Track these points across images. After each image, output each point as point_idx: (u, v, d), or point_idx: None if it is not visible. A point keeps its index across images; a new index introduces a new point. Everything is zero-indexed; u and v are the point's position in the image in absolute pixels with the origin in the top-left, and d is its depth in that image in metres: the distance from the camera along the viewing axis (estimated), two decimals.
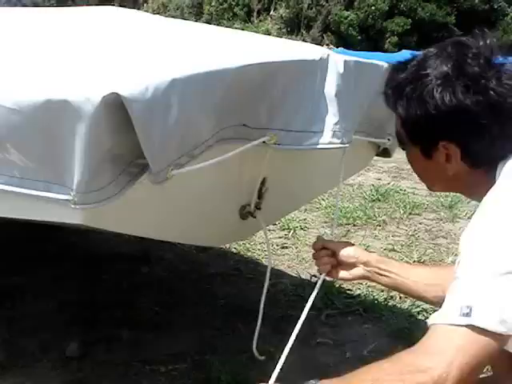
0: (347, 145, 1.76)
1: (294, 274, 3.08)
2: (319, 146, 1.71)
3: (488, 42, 1.30)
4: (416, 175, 1.50)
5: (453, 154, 1.30)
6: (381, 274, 1.64)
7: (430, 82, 1.28)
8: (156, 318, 2.55)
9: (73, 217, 1.40)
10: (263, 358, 2.00)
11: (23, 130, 1.38)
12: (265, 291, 2.02)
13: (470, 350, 1.08)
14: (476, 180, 1.32)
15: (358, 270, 1.67)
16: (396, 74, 1.37)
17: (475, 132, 1.27)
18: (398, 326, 2.53)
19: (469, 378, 1.09)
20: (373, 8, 14.80)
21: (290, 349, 2.33)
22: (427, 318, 2.65)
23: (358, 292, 2.84)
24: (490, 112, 1.25)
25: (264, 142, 1.63)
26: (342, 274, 1.71)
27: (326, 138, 1.69)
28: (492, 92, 1.25)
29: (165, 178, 1.38)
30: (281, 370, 1.76)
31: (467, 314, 1.08)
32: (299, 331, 1.76)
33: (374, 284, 2.89)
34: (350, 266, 1.68)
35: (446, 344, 1.09)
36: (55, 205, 1.38)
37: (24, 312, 2.53)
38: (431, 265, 3.21)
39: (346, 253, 1.68)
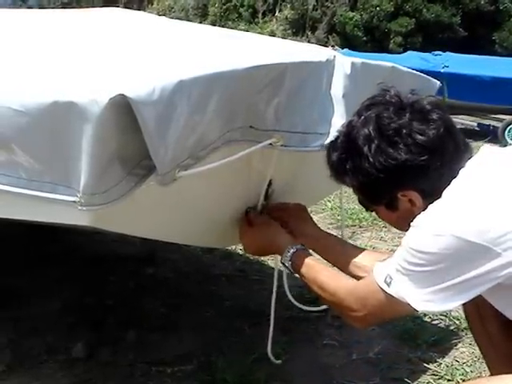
0: None
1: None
2: (324, 148, 1.70)
3: (392, 91, 1.45)
4: (392, 226, 1.65)
5: (413, 197, 1.41)
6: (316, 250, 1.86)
7: (361, 151, 1.40)
8: (162, 319, 2.55)
9: (79, 218, 1.41)
10: (279, 361, 2.02)
11: (30, 131, 1.39)
12: (274, 294, 2.01)
13: (381, 306, 1.42)
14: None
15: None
16: (331, 155, 1.50)
17: (420, 174, 1.38)
18: (403, 328, 2.52)
19: (377, 321, 1.68)
20: (378, 9, 14.77)
21: (296, 350, 2.34)
22: (433, 319, 2.67)
23: None
24: (424, 152, 1.36)
25: (270, 143, 1.63)
26: None
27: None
28: (417, 135, 1.36)
29: (171, 179, 1.38)
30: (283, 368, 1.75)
31: (388, 284, 1.37)
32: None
33: None
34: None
35: (369, 296, 1.44)
36: (62, 206, 1.38)
37: (30, 313, 2.53)
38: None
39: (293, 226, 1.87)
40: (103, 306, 2.61)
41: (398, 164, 1.37)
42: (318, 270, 1.65)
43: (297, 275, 1.72)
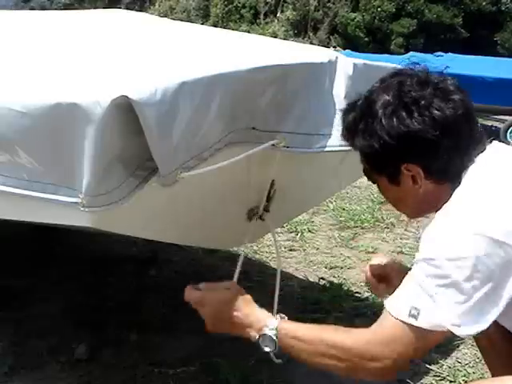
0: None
1: (301, 277, 3.07)
2: (328, 149, 1.71)
3: (421, 66, 1.43)
4: (392, 205, 1.54)
5: (416, 174, 1.37)
6: None
7: (376, 113, 1.36)
8: (164, 320, 2.55)
9: (81, 219, 1.41)
10: (280, 361, 1.99)
11: (33, 132, 1.39)
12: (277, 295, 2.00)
13: (413, 344, 1.26)
14: (442, 195, 1.35)
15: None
16: (347, 115, 1.46)
17: (429, 150, 1.34)
18: None
19: (407, 362, 1.35)
20: (379, 10, 14.79)
21: None
22: None
23: (366, 295, 2.83)
24: (437, 128, 1.32)
25: (273, 145, 1.63)
26: None
27: (335, 141, 1.69)
28: (434, 110, 1.33)
29: (174, 180, 1.38)
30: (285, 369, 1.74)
31: (414, 317, 1.24)
32: None
33: None
34: None
35: (396, 338, 1.28)
36: (64, 207, 1.39)
37: (32, 314, 2.53)
38: None
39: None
40: (105, 308, 2.61)
41: (409, 132, 1.33)
42: (319, 328, 1.44)
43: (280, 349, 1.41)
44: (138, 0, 17.40)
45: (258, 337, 1.43)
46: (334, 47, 12.01)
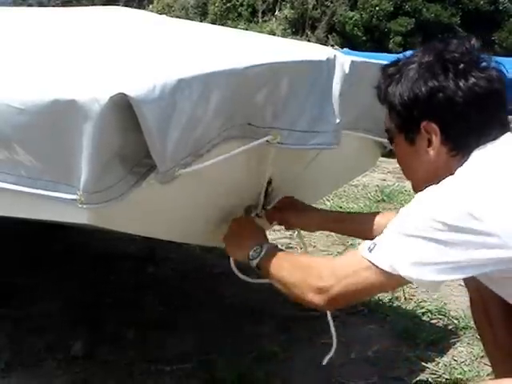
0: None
1: None
2: (322, 147, 1.71)
3: (472, 41, 1.44)
4: (404, 173, 1.59)
5: (434, 135, 1.39)
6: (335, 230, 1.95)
7: (413, 67, 1.41)
8: (161, 317, 2.55)
9: (80, 217, 1.41)
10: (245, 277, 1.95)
11: (31, 129, 1.39)
12: None
13: (358, 277, 1.33)
14: (452, 170, 1.36)
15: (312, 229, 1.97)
16: (388, 68, 1.50)
17: (454, 113, 1.36)
18: (402, 327, 2.52)
19: (343, 299, 1.41)
20: (377, 8, 14.79)
21: (295, 348, 2.35)
22: (432, 318, 2.68)
23: None
24: (468, 94, 1.35)
25: (267, 141, 1.64)
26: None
27: (330, 139, 1.69)
28: (471, 77, 1.36)
29: (172, 177, 1.39)
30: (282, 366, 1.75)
31: (370, 250, 1.31)
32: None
33: None
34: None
35: (346, 266, 1.37)
36: (62, 204, 1.39)
37: (29, 311, 2.53)
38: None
39: (298, 221, 1.94)
40: (102, 305, 2.61)
41: (440, 89, 1.36)
42: (292, 256, 1.64)
43: (260, 270, 1.64)
44: None
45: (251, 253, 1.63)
46: (332, 46, 12.01)
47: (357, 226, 1.85)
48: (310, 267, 1.45)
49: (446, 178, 1.33)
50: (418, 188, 1.52)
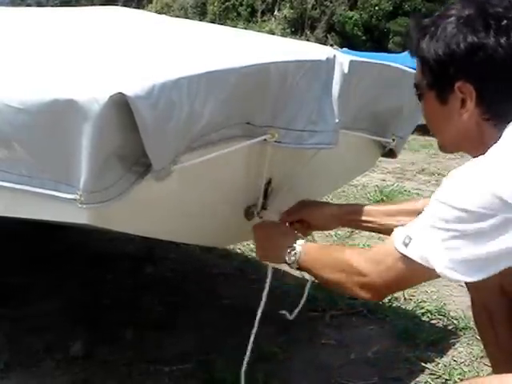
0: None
1: (297, 275, 3.07)
2: (321, 146, 1.71)
3: None
4: (431, 130, 1.48)
5: (468, 96, 1.31)
6: (352, 224, 1.85)
7: (451, 21, 1.30)
8: (160, 318, 2.55)
9: (79, 216, 1.41)
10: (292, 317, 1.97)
11: (30, 129, 1.39)
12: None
13: (397, 271, 1.31)
14: (484, 135, 1.32)
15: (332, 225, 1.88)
16: (421, 20, 1.40)
17: (492, 74, 1.28)
18: (402, 327, 2.52)
19: (390, 290, 1.46)
20: (377, 8, 14.79)
21: (294, 349, 2.34)
22: (431, 319, 2.68)
23: None
24: (510, 55, 1.26)
25: (265, 139, 1.64)
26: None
27: (329, 138, 1.69)
28: None
29: (167, 174, 1.39)
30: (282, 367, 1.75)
31: (406, 244, 1.27)
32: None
33: None
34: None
35: (384, 261, 1.33)
36: (62, 204, 1.39)
37: (28, 311, 2.53)
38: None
39: (312, 219, 1.87)
40: (101, 305, 2.61)
41: (477, 48, 1.27)
42: (327, 249, 1.60)
43: (303, 270, 1.64)
44: None
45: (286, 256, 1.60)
46: (332, 45, 12.00)
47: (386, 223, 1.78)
48: (350, 265, 1.42)
49: (475, 145, 1.29)
50: (444, 147, 1.48)
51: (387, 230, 1.71)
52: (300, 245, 1.59)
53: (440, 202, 1.23)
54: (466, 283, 1.72)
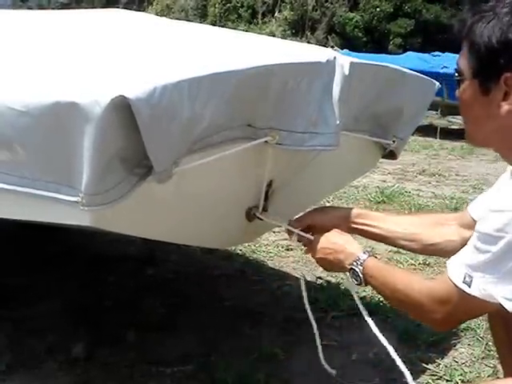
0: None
1: (299, 276, 3.07)
2: (322, 148, 1.71)
3: None
4: (463, 118, 1.44)
5: None
6: (359, 229, 1.79)
7: (509, 9, 1.26)
8: (161, 319, 2.55)
9: (81, 219, 1.41)
10: (334, 371, 1.96)
11: (32, 131, 1.39)
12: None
13: (463, 308, 1.33)
14: None
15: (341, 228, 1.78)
16: (480, 4, 1.34)
17: None
18: (403, 328, 2.52)
19: (459, 323, 1.66)
20: (377, 10, 14.79)
21: (295, 349, 2.34)
22: None
23: (364, 294, 2.84)
24: None
25: (266, 141, 1.64)
26: None
27: (329, 140, 1.70)
28: None
29: (168, 176, 1.40)
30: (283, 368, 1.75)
31: (468, 284, 1.27)
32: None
33: None
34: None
35: (449, 299, 1.34)
36: (64, 206, 1.39)
37: (30, 313, 2.53)
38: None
39: (321, 222, 1.81)
40: (103, 307, 2.61)
41: None
42: (389, 270, 1.57)
43: (365, 284, 1.60)
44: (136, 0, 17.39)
45: (349, 270, 1.60)
46: (332, 47, 12.01)
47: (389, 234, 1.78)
48: (417, 301, 1.42)
49: (509, 145, 1.29)
50: (472, 139, 1.45)
51: (393, 239, 1.76)
52: (362, 262, 1.57)
53: (491, 233, 1.23)
54: None
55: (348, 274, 1.61)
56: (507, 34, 1.24)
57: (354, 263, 1.58)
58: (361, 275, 1.56)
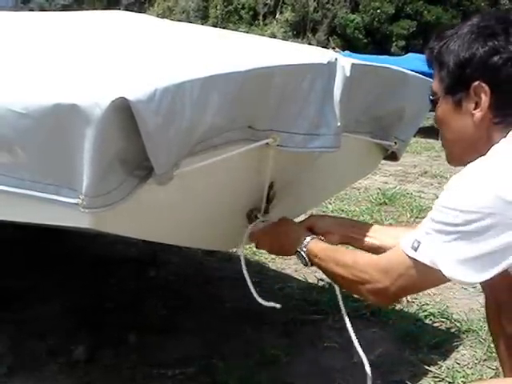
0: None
1: (300, 278, 3.07)
2: (323, 150, 1.71)
3: None
4: (442, 140, 1.52)
5: (483, 96, 1.35)
6: (354, 238, 1.82)
7: (472, 29, 1.38)
8: (163, 321, 2.55)
9: (81, 221, 1.41)
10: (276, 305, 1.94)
11: (32, 133, 1.39)
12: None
13: (407, 276, 1.35)
14: (492, 140, 1.35)
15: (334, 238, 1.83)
16: (443, 31, 1.46)
17: (508, 77, 1.33)
18: (405, 330, 2.52)
19: (403, 295, 1.61)
20: (379, 11, 14.79)
21: (297, 352, 2.34)
22: (434, 322, 2.67)
23: None
24: None
25: (267, 143, 1.64)
26: None
27: (331, 142, 1.69)
28: None
29: (169, 178, 1.39)
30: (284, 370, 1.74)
31: (415, 248, 1.31)
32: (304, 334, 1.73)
33: None
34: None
35: (394, 266, 1.38)
36: (64, 208, 1.39)
37: (31, 315, 2.53)
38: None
39: (317, 227, 1.85)
40: (104, 309, 2.61)
41: (497, 48, 1.33)
42: (333, 249, 1.64)
43: (312, 266, 1.70)
44: (137, 1, 17.40)
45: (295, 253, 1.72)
46: (333, 48, 12.01)
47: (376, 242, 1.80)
48: (362, 271, 1.46)
49: (481, 156, 1.31)
50: (452, 160, 1.52)
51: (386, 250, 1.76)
52: (307, 241, 1.68)
53: (442, 206, 1.28)
54: (481, 284, 1.72)
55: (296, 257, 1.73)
56: (470, 48, 1.36)
57: (299, 246, 1.69)
58: (305, 256, 1.67)
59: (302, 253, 1.68)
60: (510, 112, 1.35)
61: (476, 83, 1.35)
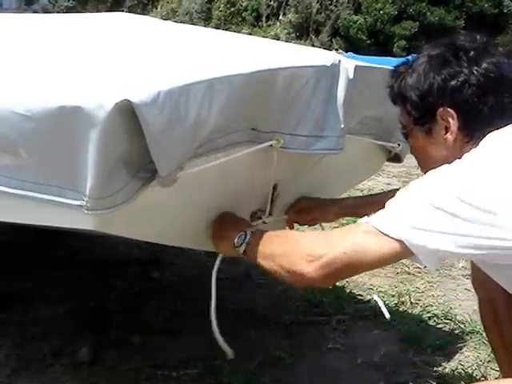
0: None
1: None
2: (326, 151, 1.71)
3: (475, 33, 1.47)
4: (421, 169, 1.54)
5: (451, 120, 1.39)
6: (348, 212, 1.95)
7: (425, 60, 1.44)
8: (166, 323, 2.55)
9: (85, 223, 1.41)
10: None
11: (36, 136, 1.39)
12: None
13: (354, 240, 1.32)
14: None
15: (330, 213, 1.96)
16: (398, 68, 1.53)
17: (468, 98, 1.37)
18: (408, 332, 2.52)
19: (343, 266, 1.33)
20: (381, 12, 14.77)
21: (301, 353, 2.34)
22: (438, 323, 2.67)
23: (369, 297, 2.83)
24: (481, 80, 1.36)
25: (271, 145, 1.65)
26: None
27: (334, 143, 1.70)
28: (482, 63, 1.37)
29: (173, 180, 1.40)
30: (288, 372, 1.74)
31: (368, 220, 1.32)
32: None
33: (384, 289, 2.89)
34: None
35: (341, 231, 1.43)
36: (68, 210, 1.39)
37: (35, 317, 2.53)
38: None
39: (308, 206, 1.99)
40: (108, 310, 2.61)
41: (452, 74, 1.38)
42: (282, 231, 1.66)
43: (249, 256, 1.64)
44: (141, 3, 17.40)
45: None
46: (336, 49, 12.00)
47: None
48: (301, 241, 1.45)
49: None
50: None
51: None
52: (252, 231, 1.62)
53: (409, 190, 1.31)
54: (474, 284, 1.73)
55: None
56: (428, 78, 1.41)
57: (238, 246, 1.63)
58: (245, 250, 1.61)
59: (243, 246, 1.62)
60: (477, 127, 1.37)
61: (441, 109, 1.39)
